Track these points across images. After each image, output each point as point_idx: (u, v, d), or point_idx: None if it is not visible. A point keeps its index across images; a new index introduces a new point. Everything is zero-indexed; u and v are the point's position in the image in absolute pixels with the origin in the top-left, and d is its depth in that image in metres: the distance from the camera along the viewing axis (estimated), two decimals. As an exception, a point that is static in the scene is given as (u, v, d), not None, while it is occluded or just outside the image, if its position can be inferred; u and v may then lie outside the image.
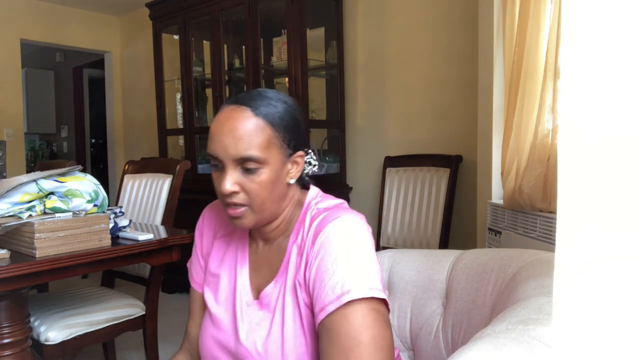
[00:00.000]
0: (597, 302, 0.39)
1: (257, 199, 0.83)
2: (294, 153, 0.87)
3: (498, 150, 2.06)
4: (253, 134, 0.81)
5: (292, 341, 0.84)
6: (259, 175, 0.82)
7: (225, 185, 0.82)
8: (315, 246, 0.82)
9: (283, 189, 0.87)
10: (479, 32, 2.22)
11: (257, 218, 0.86)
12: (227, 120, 0.83)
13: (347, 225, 0.83)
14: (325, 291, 0.78)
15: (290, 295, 0.85)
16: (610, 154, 0.38)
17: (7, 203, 1.38)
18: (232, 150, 0.81)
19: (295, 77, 2.85)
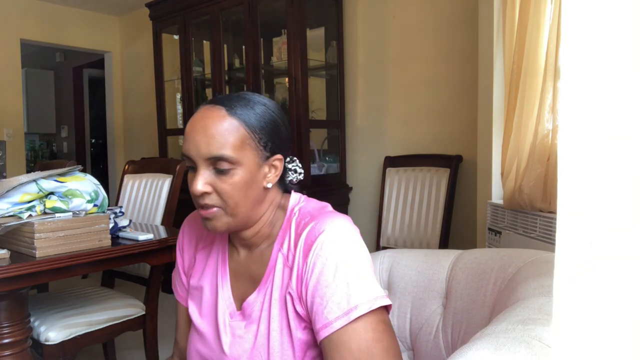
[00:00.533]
0: (597, 302, 0.39)
1: (230, 200, 0.80)
2: (272, 156, 0.84)
3: (498, 150, 2.06)
4: (226, 133, 0.78)
5: (278, 353, 0.82)
6: (231, 177, 0.79)
7: (196, 185, 0.79)
8: (310, 258, 0.79)
9: (259, 192, 0.84)
10: (479, 32, 2.22)
11: (230, 221, 0.82)
12: (200, 120, 0.80)
13: (340, 233, 0.80)
14: (329, 307, 0.76)
15: (277, 307, 0.83)
16: (610, 154, 0.38)
17: (7, 203, 1.38)
18: (204, 149, 0.78)
19: (295, 77, 2.85)
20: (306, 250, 0.80)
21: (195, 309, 0.95)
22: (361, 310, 0.75)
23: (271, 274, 0.85)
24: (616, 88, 0.38)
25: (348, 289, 0.76)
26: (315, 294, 0.78)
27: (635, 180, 0.38)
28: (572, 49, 0.39)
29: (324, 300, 0.77)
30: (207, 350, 0.90)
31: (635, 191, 0.38)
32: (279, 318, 0.83)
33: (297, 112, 2.86)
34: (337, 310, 0.76)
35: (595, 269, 0.39)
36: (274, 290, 0.83)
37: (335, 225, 0.81)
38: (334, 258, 0.78)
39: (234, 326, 0.87)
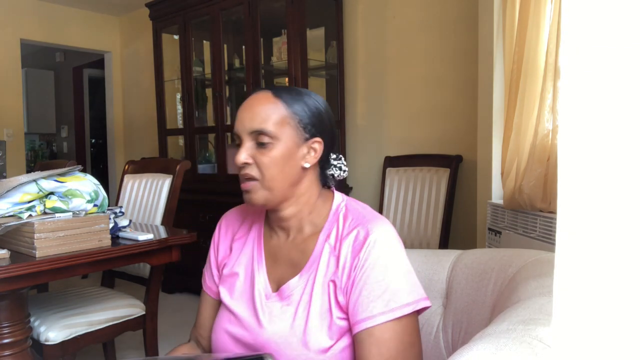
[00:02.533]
0: (597, 302, 0.39)
1: (267, 173, 0.86)
2: (311, 138, 0.90)
3: (498, 150, 2.06)
4: (269, 111, 0.87)
5: (314, 335, 0.85)
6: (270, 150, 0.86)
7: (239, 156, 0.87)
8: (362, 254, 0.85)
9: (296, 170, 0.89)
10: (479, 32, 2.22)
11: (267, 195, 0.88)
12: (248, 101, 0.90)
13: (391, 236, 0.87)
14: (375, 302, 0.82)
15: (319, 292, 0.87)
16: (610, 154, 0.38)
17: (7, 203, 1.38)
18: (248, 124, 0.87)
19: (295, 77, 2.85)
20: (357, 247, 0.86)
21: (227, 292, 0.98)
22: (405, 310, 0.82)
23: (316, 261, 0.89)
24: (616, 88, 0.38)
25: (395, 288, 0.83)
26: (364, 287, 0.83)
27: (635, 180, 0.38)
28: (572, 49, 0.39)
29: (372, 294, 0.82)
30: (239, 329, 0.93)
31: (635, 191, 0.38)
32: (320, 303, 0.87)
33: (297, 112, 2.86)
34: (383, 307, 0.81)
35: (595, 269, 0.39)
36: (318, 276, 0.88)
37: (385, 228, 0.88)
38: (386, 258, 0.84)
39: (270, 306, 0.91)
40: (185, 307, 3.19)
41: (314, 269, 0.89)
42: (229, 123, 3.49)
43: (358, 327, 0.83)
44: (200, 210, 3.26)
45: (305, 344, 0.84)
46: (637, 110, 0.37)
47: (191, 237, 1.71)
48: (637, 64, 0.37)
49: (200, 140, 3.68)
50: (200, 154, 3.66)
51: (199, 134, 3.60)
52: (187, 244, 1.70)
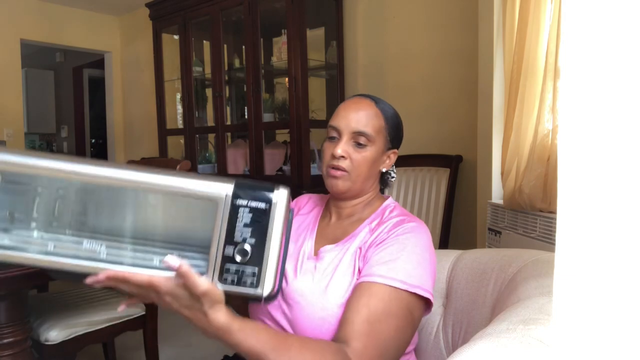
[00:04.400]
0: (597, 302, 0.39)
1: (357, 169, 1.00)
2: (391, 148, 1.06)
3: (498, 150, 2.06)
4: (372, 117, 1.02)
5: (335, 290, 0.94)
6: (365, 151, 1.01)
7: (337, 149, 0.99)
8: (392, 233, 0.96)
9: (375, 172, 1.05)
10: (479, 32, 2.22)
11: (350, 186, 1.01)
12: (354, 103, 1.04)
13: (425, 232, 0.98)
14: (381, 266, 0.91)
15: (348, 259, 0.97)
16: (610, 154, 0.38)
17: (7, 203, 1.38)
18: (353, 124, 1.00)
19: (295, 77, 2.85)
20: (392, 227, 0.97)
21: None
22: (400, 285, 0.88)
23: (354, 236, 1.01)
24: (616, 88, 0.38)
25: (403, 266, 0.91)
26: (379, 255, 0.93)
27: (635, 180, 0.38)
28: (572, 49, 0.39)
29: (382, 261, 0.92)
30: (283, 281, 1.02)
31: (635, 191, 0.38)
32: (346, 265, 0.97)
33: (297, 112, 2.86)
34: (385, 272, 0.90)
35: (595, 269, 0.39)
36: (351, 247, 0.99)
37: (422, 225, 0.99)
38: (410, 242, 0.94)
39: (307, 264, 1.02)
40: (185, 307, 3.18)
41: (351, 241, 1.00)
42: (228, 123, 3.49)
43: (360, 279, 0.92)
44: (200, 210, 3.25)
45: (325, 293, 0.93)
46: (637, 110, 0.37)
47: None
48: (637, 64, 0.37)
49: (200, 140, 3.68)
50: (200, 154, 3.66)
51: (199, 134, 3.60)
52: (187, 244, 1.69)
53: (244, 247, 0.72)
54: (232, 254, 0.72)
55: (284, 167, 3.14)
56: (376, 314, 0.86)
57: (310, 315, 0.93)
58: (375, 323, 0.86)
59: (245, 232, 0.73)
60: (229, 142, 3.46)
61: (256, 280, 0.73)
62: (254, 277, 0.73)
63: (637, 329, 0.38)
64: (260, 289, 0.73)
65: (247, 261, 0.72)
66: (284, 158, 3.19)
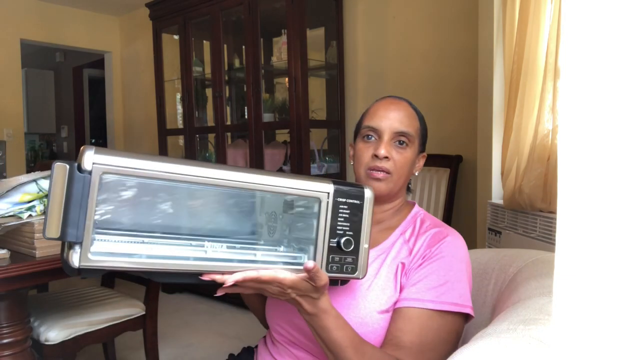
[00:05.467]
0: (597, 302, 0.39)
1: (400, 170, 0.99)
2: (422, 152, 1.06)
3: (498, 150, 2.06)
4: (412, 118, 1.01)
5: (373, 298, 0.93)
6: (406, 150, 0.99)
7: (381, 149, 0.97)
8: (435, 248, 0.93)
9: (410, 174, 1.03)
10: (479, 32, 2.22)
11: (391, 188, 0.99)
12: (392, 104, 1.02)
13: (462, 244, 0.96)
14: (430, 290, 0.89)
15: (386, 269, 0.95)
16: (610, 154, 0.38)
17: (7, 203, 1.38)
18: (396, 124, 0.98)
19: (295, 77, 2.85)
20: (432, 242, 0.95)
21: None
22: (452, 308, 0.88)
23: (389, 247, 0.98)
24: (616, 88, 0.38)
25: (450, 286, 0.90)
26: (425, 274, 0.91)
27: (636, 180, 0.38)
28: (572, 49, 0.39)
29: (430, 283, 0.90)
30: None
31: (635, 191, 0.38)
32: (385, 279, 0.94)
33: (297, 112, 2.86)
34: (435, 297, 0.88)
35: (595, 269, 0.39)
36: (388, 258, 0.97)
37: (458, 236, 0.98)
38: (454, 258, 0.93)
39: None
40: (185, 307, 3.19)
41: (386, 252, 0.98)
42: (228, 123, 3.49)
43: (406, 302, 0.90)
44: (200, 210, 3.25)
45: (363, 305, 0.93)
46: (637, 110, 0.37)
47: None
48: (637, 64, 0.37)
49: (200, 140, 3.68)
50: (200, 154, 3.65)
51: (199, 134, 3.60)
52: (187, 244, 1.69)
53: (346, 239, 0.82)
54: (337, 245, 0.82)
55: (284, 167, 3.14)
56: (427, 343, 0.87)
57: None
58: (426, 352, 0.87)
59: (345, 225, 0.83)
60: (229, 142, 3.46)
61: (354, 267, 0.84)
62: (353, 264, 0.84)
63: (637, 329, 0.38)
64: (358, 273, 0.85)
65: (349, 251, 0.83)
66: (284, 158, 3.19)
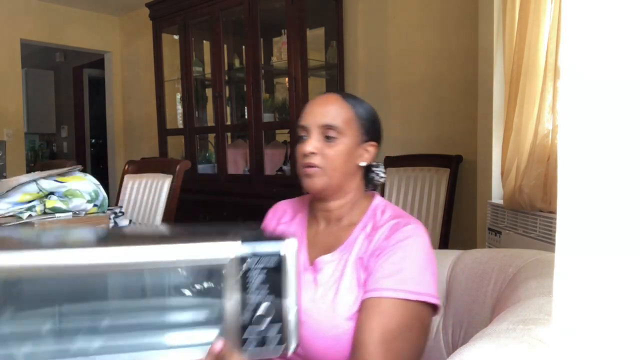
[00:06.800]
0: (597, 302, 0.39)
1: (332, 164, 0.96)
2: (368, 141, 1.01)
3: (498, 150, 2.06)
4: (339, 109, 0.98)
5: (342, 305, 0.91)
6: (336, 144, 0.96)
7: (307, 146, 0.96)
8: (391, 239, 0.92)
9: (353, 167, 0.99)
10: (479, 32, 2.22)
11: (326, 182, 0.96)
12: (319, 99, 1.01)
13: (422, 233, 0.95)
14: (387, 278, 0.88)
15: (350, 269, 0.94)
16: (610, 154, 0.38)
17: (7, 203, 1.38)
18: (319, 118, 0.97)
19: (295, 77, 2.85)
20: (390, 232, 0.93)
21: None
22: (410, 296, 0.87)
23: (351, 244, 0.97)
24: (616, 88, 0.38)
25: (408, 275, 0.89)
26: (382, 266, 0.90)
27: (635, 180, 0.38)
28: (572, 49, 0.39)
29: (386, 273, 0.89)
30: None
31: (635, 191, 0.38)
32: (350, 279, 0.93)
33: (297, 112, 2.86)
34: (392, 284, 0.87)
35: (595, 269, 0.39)
36: (351, 256, 0.95)
37: (419, 226, 0.96)
38: (411, 247, 0.91)
39: (305, 277, 0.98)
40: (185, 307, 3.18)
41: (348, 250, 0.96)
42: (228, 123, 3.49)
43: (367, 294, 0.89)
44: (200, 210, 3.25)
45: (334, 310, 0.91)
46: (637, 110, 0.37)
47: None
48: (637, 64, 0.37)
49: (200, 140, 3.68)
50: (200, 154, 3.65)
51: (199, 134, 3.60)
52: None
53: (266, 306, 0.66)
54: (251, 316, 0.66)
55: (284, 167, 3.14)
56: (390, 332, 0.85)
57: (320, 335, 0.90)
58: (391, 342, 0.84)
59: (260, 292, 0.66)
60: (229, 142, 3.46)
61: (281, 337, 0.67)
62: (279, 334, 0.67)
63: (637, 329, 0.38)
64: (287, 344, 0.67)
65: (268, 322, 0.66)
66: (284, 158, 3.19)
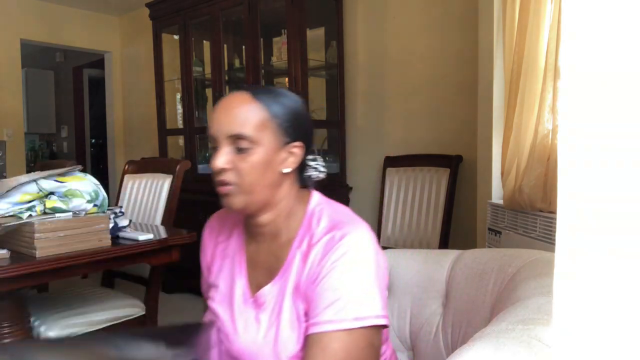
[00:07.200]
0: (597, 302, 0.39)
1: (247, 178, 0.83)
2: (291, 142, 0.87)
3: (498, 150, 2.06)
4: (248, 114, 0.83)
5: (285, 345, 0.84)
6: (250, 155, 0.83)
7: (216, 162, 0.83)
8: (325, 261, 0.82)
9: (275, 175, 0.86)
10: (479, 32, 2.22)
11: (246, 200, 0.85)
12: (225, 100, 0.86)
13: (359, 244, 0.83)
14: (326, 309, 0.79)
15: (289, 300, 0.85)
16: (610, 154, 0.38)
17: (7, 203, 1.38)
18: (226, 128, 0.83)
19: (295, 77, 2.85)
20: (324, 253, 0.83)
21: (213, 295, 0.98)
22: (354, 324, 0.77)
23: (288, 269, 0.87)
24: (616, 88, 0.38)
25: (348, 299, 0.79)
26: (319, 294, 0.81)
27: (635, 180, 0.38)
28: (572, 49, 0.39)
29: (325, 302, 0.79)
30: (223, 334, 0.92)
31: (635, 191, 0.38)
32: (290, 312, 0.85)
33: (297, 112, 2.86)
34: (333, 315, 0.78)
35: (595, 269, 0.39)
36: (289, 284, 0.86)
37: (356, 235, 0.83)
38: (348, 265, 0.81)
39: (246, 313, 0.90)
40: (185, 307, 3.19)
41: (286, 277, 0.87)
42: (229, 123, 3.49)
43: (309, 331, 0.80)
44: (200, 210, 3.24)
45: (276, 355, 0.83)
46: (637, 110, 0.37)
47: (191, 237, 1.71)
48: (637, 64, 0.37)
49: (200, 140, 3.68)
50: (200, 154, 3.65)
51: (199, 134, 3.60)
52: (187, 244, 1.70)
53: None
54: None
55: (284, 167, 3.13)
56: None
57: None
58: None
59: None
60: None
61: None
62: None
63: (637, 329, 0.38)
64: None
65: None
66: (284, 158, 3.19)
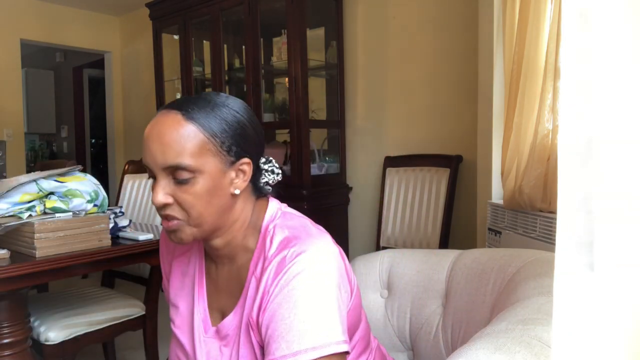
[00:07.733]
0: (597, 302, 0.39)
1: (192, 211, 0.75)
2: (237, 160, 0.78)
3: (498, 150, 2.06)
4: (182, 140, 0.73)
5: None
6: (192, 186, 0.74)
7: (156, 197, 0.74)
8: (274, 287, 0.74)
9: (225, 200, 0.78)
10: (479, 32, 2.22)
11: (195, 232, 0.77)
12: (155, 126, 0.76)
13: (311, 265, 0.74)
14: (279, 343, 0.71)
15: (245, 337, 0.79)
16: (610, 154, 0.38)
17: (7, 203, 1.38)
18: (160, 159, 0.74)
19: (295, 77, 2.85)
20: (275, 276, 0.75)
21: (173, 316, 0.92)
22: (311, 354, 0.69)
23: (245, 299, 0.80)
24: (616, 88, 0.38)
25: (302, 328, 0.71)
26: (270, 325, 0.73)
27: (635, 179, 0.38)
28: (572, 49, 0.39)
29: (276, 334, 0.72)
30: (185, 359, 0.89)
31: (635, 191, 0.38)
32: (247, 347, 0.79)
33: (297, 112, 2.86)
34: (286, 349, 0.70)
35: (595, 269, 0.39)
36: (244, 315, 0.79)
37: (309, 255, 0.75)
38: (297, 292, 0.73)
39: (208, 344, 0.84)
40: (185, 307, 3.19)
41: (242, 306, 0.80)
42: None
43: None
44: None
45: None
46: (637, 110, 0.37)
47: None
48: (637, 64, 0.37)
49: (200, 140, 3.68)
50: (200, 154, 3.65)
51: (199, 134, 3.60)
52: (187, 244, 1.69)
53: None
54: None
55: (284, 167, 3.14)
56: None
57: None
58: None
59: None
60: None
61: None
62: None
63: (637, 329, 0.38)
64: None
65: None
66: (284, 158, 3.19)
